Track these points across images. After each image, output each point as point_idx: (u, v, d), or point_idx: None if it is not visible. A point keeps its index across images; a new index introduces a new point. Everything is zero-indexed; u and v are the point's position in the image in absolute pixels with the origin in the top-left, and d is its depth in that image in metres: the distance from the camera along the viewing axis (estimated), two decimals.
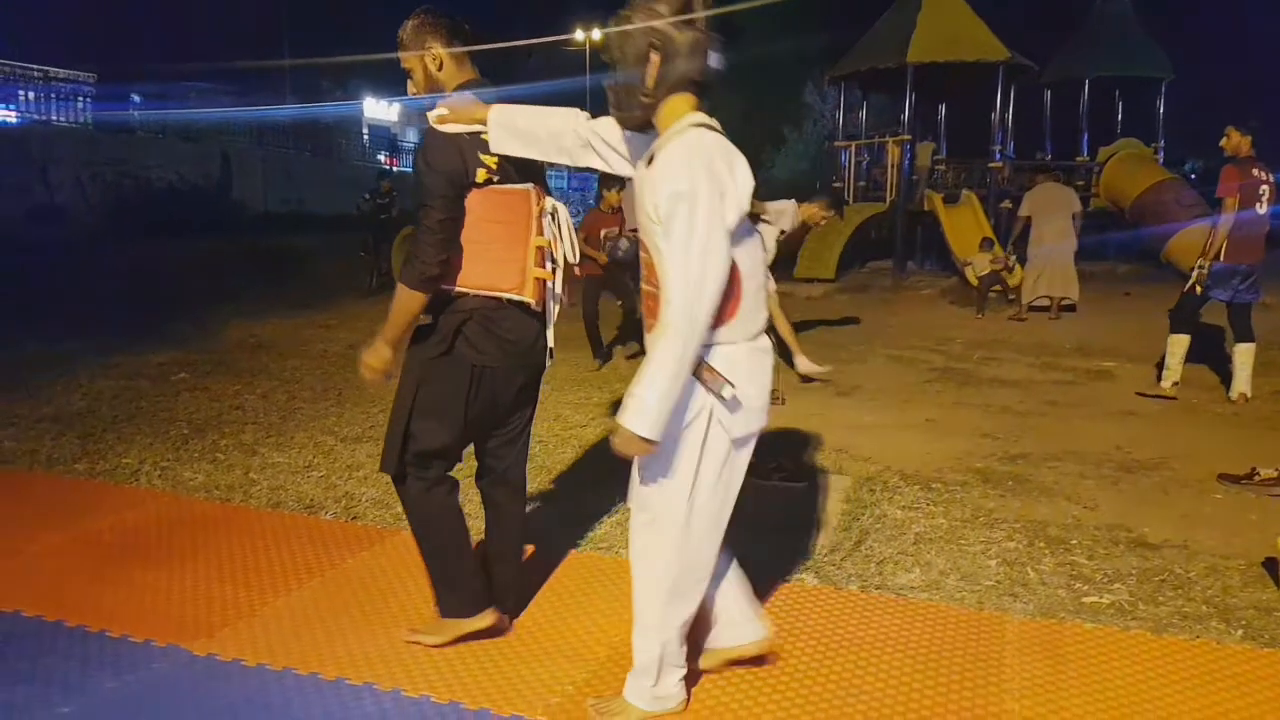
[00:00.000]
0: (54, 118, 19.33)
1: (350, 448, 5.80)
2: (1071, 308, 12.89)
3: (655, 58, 2.46)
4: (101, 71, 22.12)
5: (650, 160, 2.54)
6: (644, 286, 2.66)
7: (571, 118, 2.83)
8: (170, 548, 4.17)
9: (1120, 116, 21.84)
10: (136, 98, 21.30)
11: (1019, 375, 8.57)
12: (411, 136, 38.29)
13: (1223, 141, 7.35)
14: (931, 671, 3.13)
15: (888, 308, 13.79)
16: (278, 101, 23.55)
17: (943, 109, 21.47)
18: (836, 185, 19.89)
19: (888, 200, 17.76)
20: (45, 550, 4.11)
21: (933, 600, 3.70)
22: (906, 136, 17.69)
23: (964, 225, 16.14)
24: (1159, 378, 7.59)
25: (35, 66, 20.51)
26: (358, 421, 6.45)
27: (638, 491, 2.72)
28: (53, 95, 19.74)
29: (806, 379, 7.90)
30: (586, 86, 32.77)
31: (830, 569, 3.99)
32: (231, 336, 9.86)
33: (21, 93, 19.17)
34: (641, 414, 2.41)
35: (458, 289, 3.01)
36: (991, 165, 17.96)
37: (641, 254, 2.64)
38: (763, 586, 3.79)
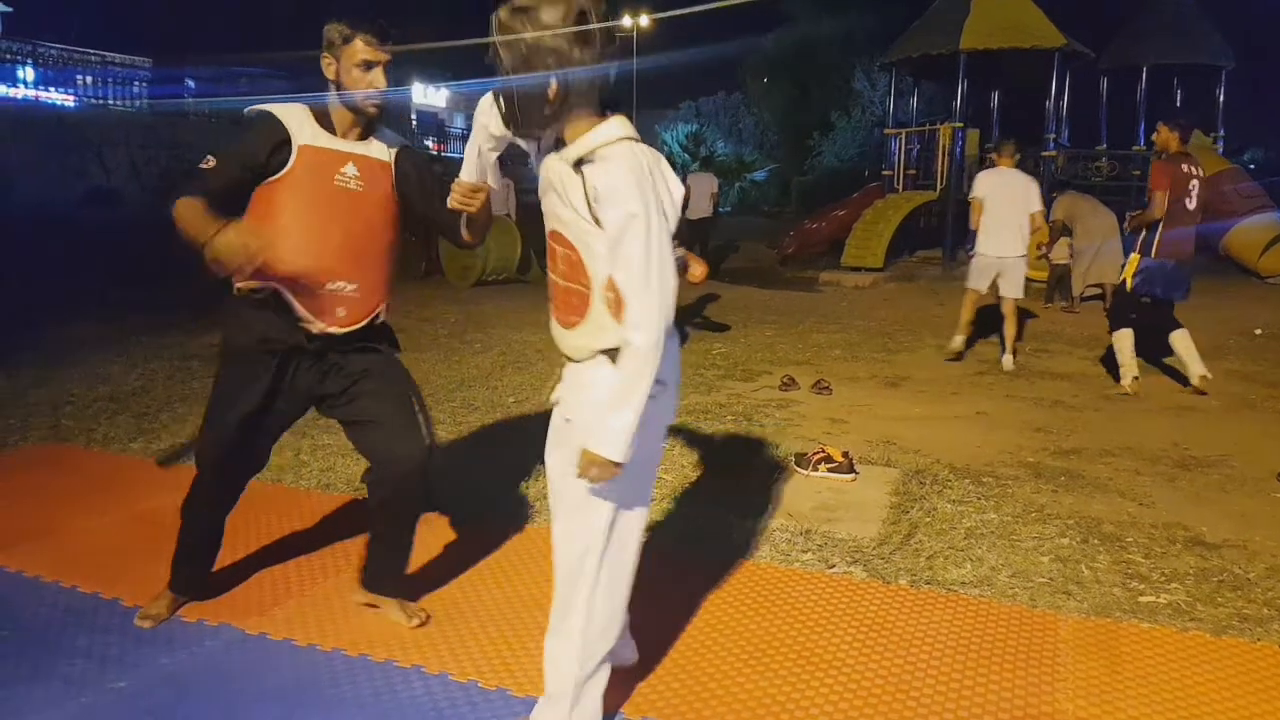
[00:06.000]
0: (110, 102, 19.56)
1: None
2: None
3: (554, 83, 2.28)
4: (157, 56, 22.38)
5: (576, 164, 2.32)
6: (555, 279, 2.48)
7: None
8: None
9: (1179, 105, 21.45)
10: (190, 83, 21.51)
11: (1071, 368, 8.45)
12: (460, 122, 38.42)
13: (1154, 136, 7.50)
14: (983, 669, 3.09)
15: (936, 297, 13.64)
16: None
17: (996, 96, 21.20)
18: (886, 173, 19.71)
19: (938, 188, 17.59)
20: (102, 528, 4.18)
21: (984, 597, 3.65)
22: (959, 123, 17.50)
23: None
24: (1118, 378, 7.56)
25: (93, 51, 20.78)
26: None
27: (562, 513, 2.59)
28: (109, 80, 19.99)
29: None
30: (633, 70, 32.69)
31: (879, 563, 3.95)
32: None
33: (79, 77, 19.43)
34: (617, 439, 2.31)
35: None
36: (1045, 154, 17.70)
37: (552, 244, 2.45)
38: (810, 580, 3.77)
